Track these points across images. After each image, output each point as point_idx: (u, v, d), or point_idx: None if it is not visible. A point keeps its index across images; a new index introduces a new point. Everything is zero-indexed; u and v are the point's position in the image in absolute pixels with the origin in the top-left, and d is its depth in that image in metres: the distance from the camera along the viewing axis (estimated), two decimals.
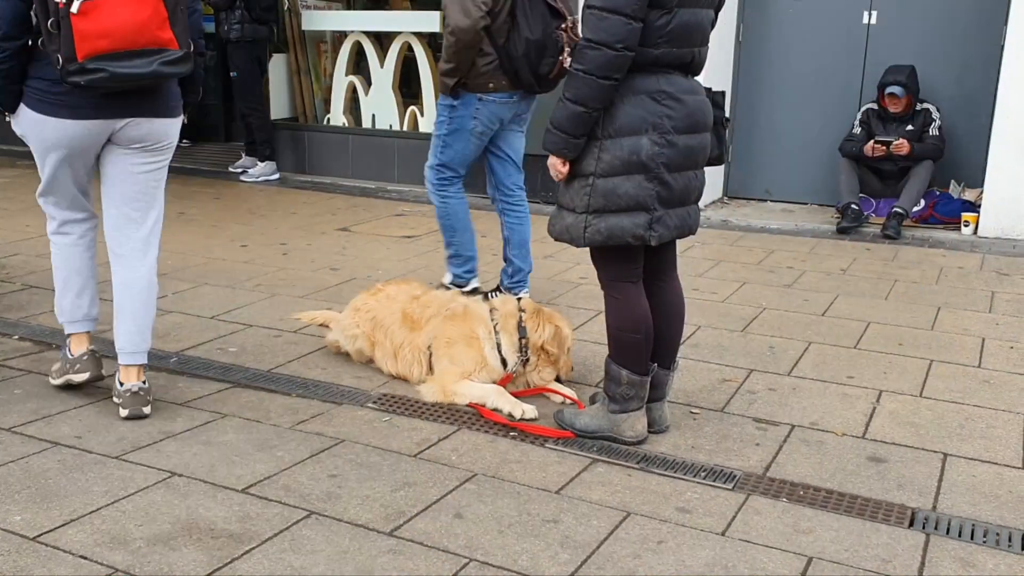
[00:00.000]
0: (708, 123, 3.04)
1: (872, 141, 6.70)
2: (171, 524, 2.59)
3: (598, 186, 2.93)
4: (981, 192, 6.56)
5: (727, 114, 3.21)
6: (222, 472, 2.91)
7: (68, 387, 3.47)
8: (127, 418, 3.25)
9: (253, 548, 2.48)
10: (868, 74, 7.13)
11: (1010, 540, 2.61)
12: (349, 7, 9.41)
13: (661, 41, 2.85)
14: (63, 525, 2.57)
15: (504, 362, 3.55)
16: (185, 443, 3.11)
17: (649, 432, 3.20)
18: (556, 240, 3.12)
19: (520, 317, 3.59)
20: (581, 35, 2.87)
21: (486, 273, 5.03)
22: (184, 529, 2.57)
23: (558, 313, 3.75)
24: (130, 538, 2.51)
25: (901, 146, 6.58)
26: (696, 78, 3.06)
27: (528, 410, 3.34)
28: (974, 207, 6.61)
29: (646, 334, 3.09)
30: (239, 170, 8.59)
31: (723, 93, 3.16)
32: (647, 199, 2.92)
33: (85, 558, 2.41)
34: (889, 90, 6.65)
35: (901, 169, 6.74)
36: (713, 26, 3.05)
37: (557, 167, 2.99)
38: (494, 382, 3.52)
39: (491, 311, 3.63)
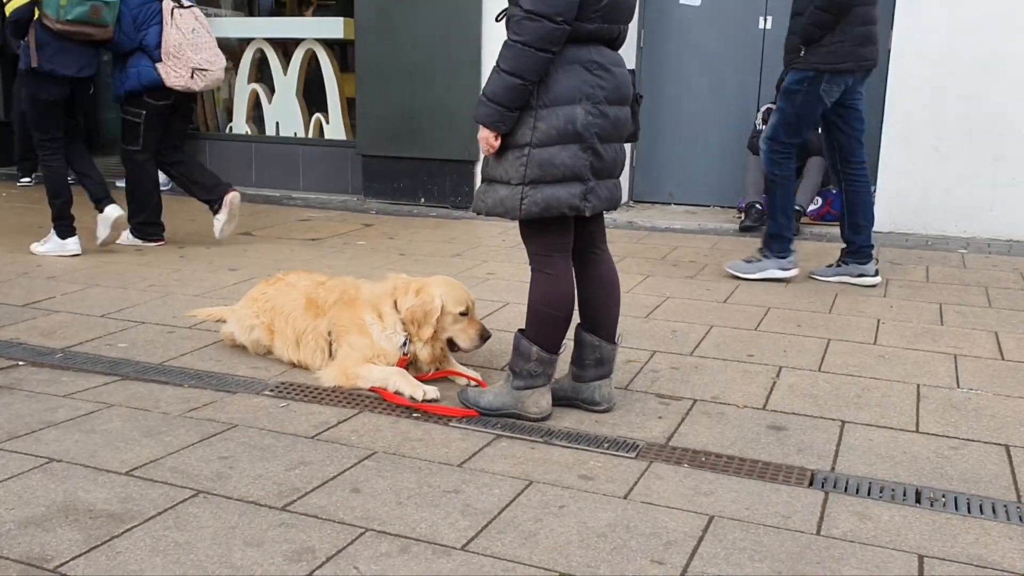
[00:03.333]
0: (630, 96, 3.06)
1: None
2: (46, 507, 2.43)
3: (534, 156, 2.88)
4: (874, 190, 6.77)
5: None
6: (105, 457, 2.76)
7: None
8: None
9: (135, 526, 2.34)
10: (765, 79, 7.32)
11: (904, 494, 2.65)
12: (251, 14, 9.26)
13: (596, 16, 2.86)
14: None
15: (406, 343, 3.44)
16: (67, 431, 2.94)
17: (598, 411, 3.18)
18: (487, 215, 3.03)
19: (395, 293, 3.45)
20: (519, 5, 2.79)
21: None
22: (60, 511, 2.41)
23: (445, 281, 3.52)
24: (0, 522, 2.35)
25: None
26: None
27: (430, 391, 3.26)
28: None
29: (567, 314, 3.06)
30: None
31: (634, 71, 3.17)
32: (582, 169, 2.90)
33: None
34: None
35: (798, 168, 6.90)
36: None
37: (489, 140, 2.92)
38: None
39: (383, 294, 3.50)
